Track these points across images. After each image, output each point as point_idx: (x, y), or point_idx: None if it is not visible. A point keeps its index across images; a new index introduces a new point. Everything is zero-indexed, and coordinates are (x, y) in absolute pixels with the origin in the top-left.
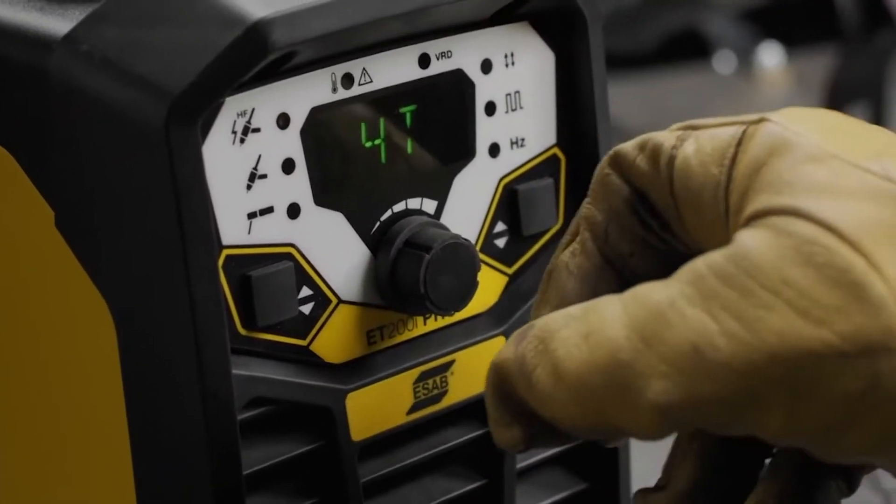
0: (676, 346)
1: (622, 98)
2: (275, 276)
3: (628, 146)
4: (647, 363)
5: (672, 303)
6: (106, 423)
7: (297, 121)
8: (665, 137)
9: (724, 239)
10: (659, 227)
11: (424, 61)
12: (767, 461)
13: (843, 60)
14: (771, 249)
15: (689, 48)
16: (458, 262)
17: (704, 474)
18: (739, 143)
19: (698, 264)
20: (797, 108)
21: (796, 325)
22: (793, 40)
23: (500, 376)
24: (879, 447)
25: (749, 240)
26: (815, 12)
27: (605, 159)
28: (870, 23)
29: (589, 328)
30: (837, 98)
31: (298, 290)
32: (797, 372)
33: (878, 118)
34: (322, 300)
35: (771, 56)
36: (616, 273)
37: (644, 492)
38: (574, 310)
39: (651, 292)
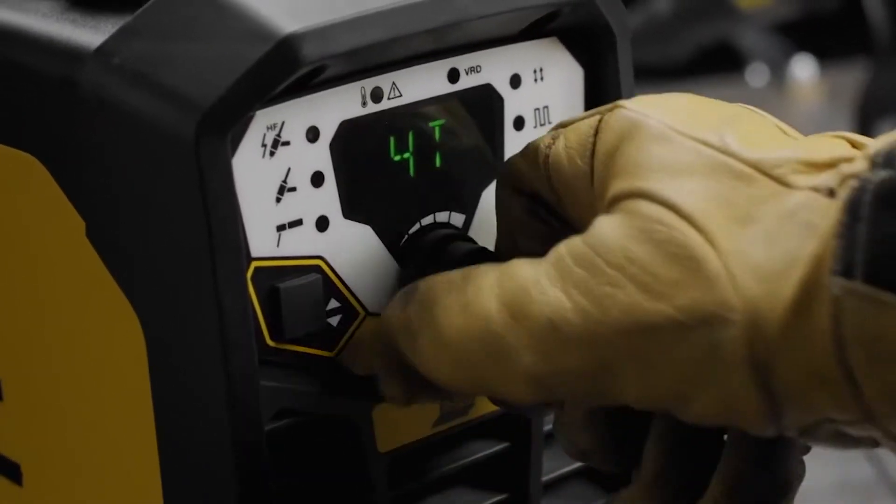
0: (537, 322)
1: None
2: (303, 288)
3: (516, 156)
4: (515, 336)
5: (536, 281)
6: (134, 431)
7: (327, 134)
8: (541, 139)
9: None
10: (558, 223)
11: (454, 76)
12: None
13: (873, 74)
14: (617, 230)
15: (721, 61)
16: None
17: (668, 459)
18: (596, 132)
19: (560, 247)
20: (652, 95)
21: (638, 299)
22: (825, 53)
23: (386, 333)
24: (726, 412)
25: (601, 223)
26: (848, 26)
27: (498, 175)
28: None
29: (467, 298)
30: (868, 111)
31: (326, 303)
32: (642, 344)
33: None
34: (350, 312)
35: (803, 69)
36: None
37: (616, 493)
38: (455, 276)
39: (521, 269)
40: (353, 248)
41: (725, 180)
